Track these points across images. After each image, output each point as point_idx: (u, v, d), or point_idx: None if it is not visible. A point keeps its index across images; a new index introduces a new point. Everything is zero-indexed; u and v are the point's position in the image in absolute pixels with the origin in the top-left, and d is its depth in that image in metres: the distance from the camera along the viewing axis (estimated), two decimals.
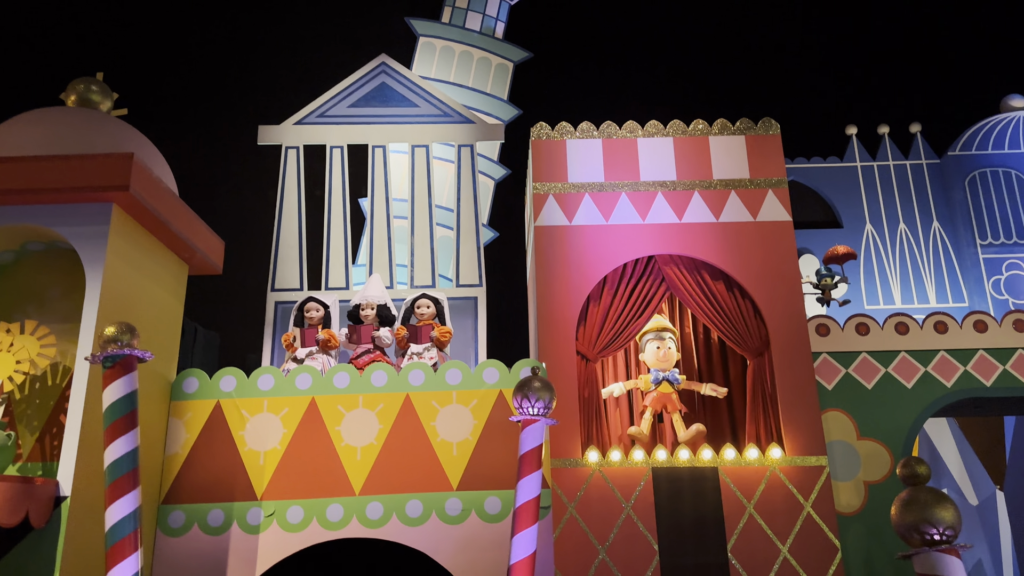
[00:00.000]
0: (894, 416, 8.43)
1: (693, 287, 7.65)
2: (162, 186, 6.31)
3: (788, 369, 7.32)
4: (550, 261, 7.67)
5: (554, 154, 8.09)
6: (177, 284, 6.97)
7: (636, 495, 6.91)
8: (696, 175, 8.01)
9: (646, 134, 8.17)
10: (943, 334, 8.71)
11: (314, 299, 7.29)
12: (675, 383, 7.61)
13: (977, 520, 11.01)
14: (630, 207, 7.90)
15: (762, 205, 7.90)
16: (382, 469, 6.41)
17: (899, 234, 10.73)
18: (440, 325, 7.21)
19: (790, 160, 11.08)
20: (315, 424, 6.54)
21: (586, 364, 7.44)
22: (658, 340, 7.70)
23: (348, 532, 6.25)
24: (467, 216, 8.29)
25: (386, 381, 6.66)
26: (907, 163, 11.03)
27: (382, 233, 8.26)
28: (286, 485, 6.39)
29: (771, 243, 7.74)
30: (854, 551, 7.96)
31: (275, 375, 6.68)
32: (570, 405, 7.14)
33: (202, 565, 6.19)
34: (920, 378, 8.60)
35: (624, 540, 6.77)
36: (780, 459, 7.02)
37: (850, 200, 10.85)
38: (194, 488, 6.41)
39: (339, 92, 8.77)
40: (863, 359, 8.63)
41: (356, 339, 7.09)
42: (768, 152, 8.11)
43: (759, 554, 6.72)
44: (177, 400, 6.67)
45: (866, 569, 7.87)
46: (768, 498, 6.92)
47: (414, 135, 8.60)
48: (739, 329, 7.53)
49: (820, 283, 7.89)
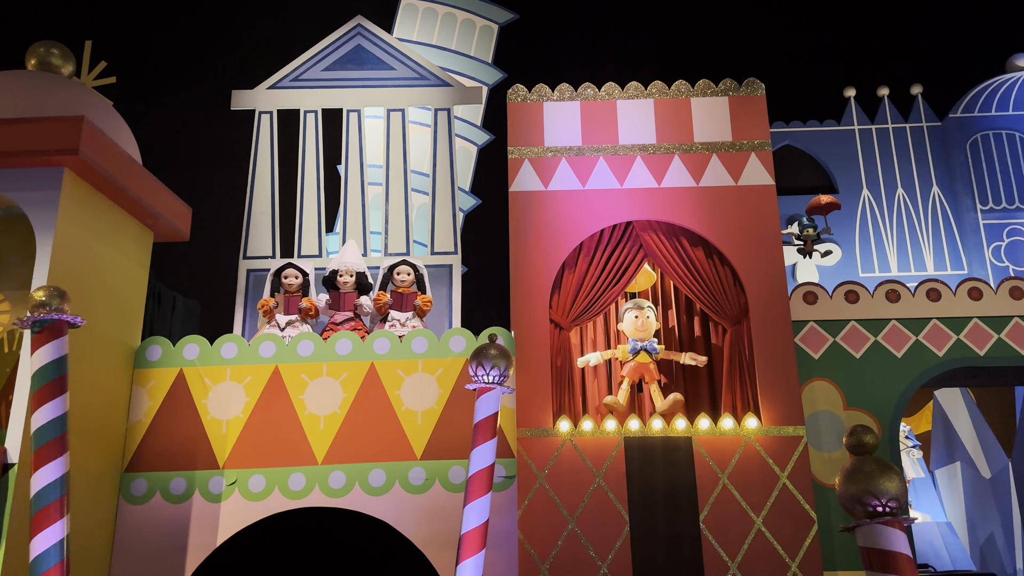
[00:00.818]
0: (883, 386, 8.22)
1: (671, 253, 7.44)
2: (118, 150, 6.18)
3: (767, 337, 7.11)
4: (525, 228, 7.48)
5: (530, 117, 7.86)
6: (140, 251, 6.86)
7: (607, 465, 6.78)
8: (676, 138, 7.76)
9: (626, 96, 7.91)
10: (936, 302, 8.46)
11: (293, 265, 7.16)
12: (653, 353, 7.44)
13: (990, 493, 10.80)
14: (608, 172, 7.67)
15: (744, 168, 7.64)
16: (345, 438, 6.32)
17: (897, 199, 10.41)
18: (422, 294, 7.07)
19: (785, 124, 10.75)
20: (278, 393, 6.45)
21: (560, 333, 7.28)
22: (636, 309, 7.51)
23: (310, 501, 6.18)
24: (443, 182, 8.10)
25: (351, 349, 6.54)
26: (907, 126, 10.67)
27: (356, 200, 8.10)
28: (248, 454, 6.32)
29: (753, 208, 7.50)
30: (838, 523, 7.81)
31: (239, 343, 6.59)
32: (542, 374, 7.00)
33: (164, 533, 6.16)
34: (911, 347, 8.37)
35: (594, 510, 6.65)
36: (756, 429, 6.84)
37: (847, 165, 10.52)
38: (157, 456, 6.36)
39: (313, 55, 8.57)
40: (852, 327, 8.41)
41: (337, 306, 6.96)
42: (752, 114, 7.83)
43: (732, 525, 6.58)
44: (141, 368, 6.61)
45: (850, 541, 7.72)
46: (743, 469, 6.76)
47: (389, 99, 8.40)
48: (717, 297, 7.33)
49: (802, 234, 7.60)
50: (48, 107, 6.09)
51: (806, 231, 7.65)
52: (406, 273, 7.02)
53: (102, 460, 6.22)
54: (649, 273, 7.85)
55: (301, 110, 8.42)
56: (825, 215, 7.78)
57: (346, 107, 8.39)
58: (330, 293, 6.99)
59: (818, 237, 7.77)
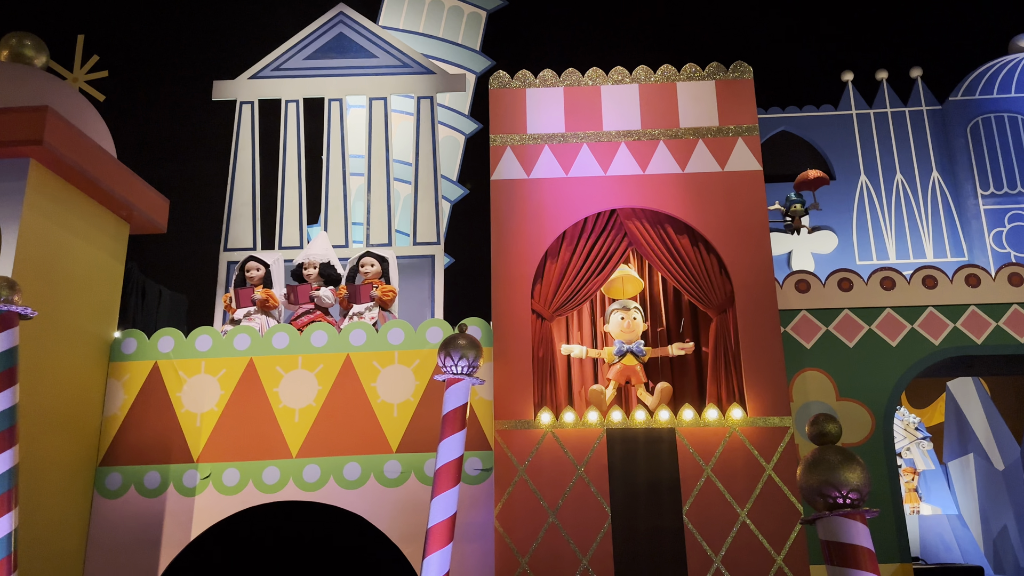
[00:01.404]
0: (876, 376, 8.05)
1: (656, 242, 7.28)
2: (86, 141, 6.10)
3: (753, 326, 6.95)
4: (506, 217, 7.35)
5: (513, 104, 7.72)
6: (115, 243, 6.79)
7: (589, 457, 6.65)
8: (662, 124, 7.59)
9: (610, 81, 7.75)
10: (932, 289, 8.27)
11: (254, 258, 7.08)
12: (640, 355, 7.28)
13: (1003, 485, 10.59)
14: (591, 159, 7.52)
15: (731, 154, 7.47)
16: (320, 431, 6.24)
17: (896, 185, 10.18)
18: (384, 284, 6.95)
19: (781, 109, 10.54)
20: (253, 385, 6.37)
21: (541, 323, 7.15)
22: (623, 310, 7.36)
23: (284, 495, 6.11)
24: (426, 171, 7.98)
25: (326, 341, 6.45)
26: (906, 110, 10.43)
27: (338, 190, 7.99)
28: (223, 447, 6.25)
29: (739, 194, 7.33)
30: None
31: (213, 336, 6.51)
32: (523, 365, 6.88)
33: (138, 527, 6.10)
34: (906, 336, 8.19)
35: (575, 503, 6.53)
36: (741, 420, 6.69)
37: (844, 150, 10.30)
38: (131, 450, 6.31)
39: (295, 44, 8.46)
40: (845, 316, 8.23)
41: (294, 299, 6.87)
42: (740, 98, 7.65)
43: (716, 518, 6.44)
44: (116, 361, 6.54)
45: None
46: (727, 460, 6.61)
47: (372, 87, 8.28)
48: (702, 285, 7.17)
49: (789, 210, 7.37)
50: (17, 98, 6.02)
51: (793, 207, 7.41)
52: (370, 264, 6.92)
53: (77, 454, 6.17)
54: (637, 280, 7.67)
55: (282, 99, 8.32)
56: (814, 190, 7.54)
57: (328, 96, 8.28)
58: (288, 286, 6.90)
59: (806, 212, 7.53)
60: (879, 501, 7.65)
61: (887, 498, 7.68)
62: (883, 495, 7.70)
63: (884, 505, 7.66)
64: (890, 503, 7.65)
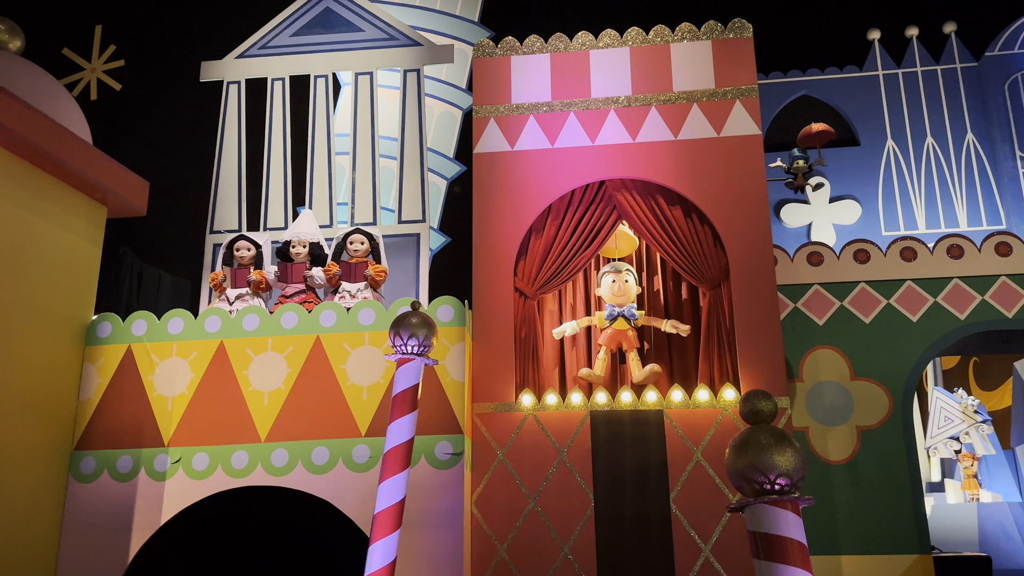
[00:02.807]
0: (895, 353, 7.54)
1: (646, 213, 6.88)
2: (48, 123, 6.01)
3: (748, 301, 6.50)
4: (489, 191, 7.04)
5: (497, 73, 7.38)
6: (91, 226, 6.73)
7: (572, 441, 6.34)
8: (654, 88, 7.16)
9: (600, 46, 7.34)
10: (958, 259, 7.68)
11: (245, 238, 6.94)
12: (632, 319, 6.93)
13: None
14: (579, 128, 7.14)
15: (728, 118, 6.99)
16: (289, 415, 6.07)
17: (926, 149, 9.49)
18: (375, 263, 6.73)
19: (801, 72, 9.92)
20: (223, 368, 6.24)
21: (524, 302, 6.84)
22: (614, 273, 7.01)
23: (252, 480, 5.97)
24: (411, 147, 7.72)
25: (296, 323, 6.27)
26: (938, 68, 9.70)
27: (323, 169, 7.80)
28: (193, 431, 6.14)
29: (736, 161, 6.86)
30: (842, 505, 7.20)
31: (185, 318, 6.40)
32: (504, 345, 6.59)
33: (111, 511, 6.05)
34: (928, 310, 7.63)
35: (557, 489, 6.23)
36: (734, 401, 6.27)
37: (870, 113, 9.65)
38: (105, 434, 6.25)
39: (282, 21, 8.28)
40: (861, 290, 7.72)
41: (286, 278, 6.70)
42: (738, 58, 7.15)
43: (705, 505, 6.06)
44: (91, 345, 6.49)
45: (855, 524, 7.10)
46: (719, 444, 6.21)
47: (358, 62, 8.05)
48: (695, 258, 6.74)
49: (791, 167, 6.81)
50: None
51: (796, 163, 6.85)
52: (359, 242, 6.69)
53: (52, 438, 6.14)
54: (631, 238, 7.32)
55: (268, 78, 8.15)
56: (819, 146, 6.98)
57: (313, 73, 8.08)
58: (278, 265, 6.72)
59: (810, 169, 6.96)
60: (896, 489, 7.15)
61: (906, 486, 7.18)
62: (901, 482, 7.19)
63: (902, 494, 7.16)
64: (908, 491, 7.15)
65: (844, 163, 9.32)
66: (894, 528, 7.07)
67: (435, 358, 5.08)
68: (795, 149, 6.82)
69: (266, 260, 6.98)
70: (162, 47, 11.49)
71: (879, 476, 7.19)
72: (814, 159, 7.05)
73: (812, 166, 6.93)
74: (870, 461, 7.23)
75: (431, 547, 5.65)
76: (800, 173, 6.79)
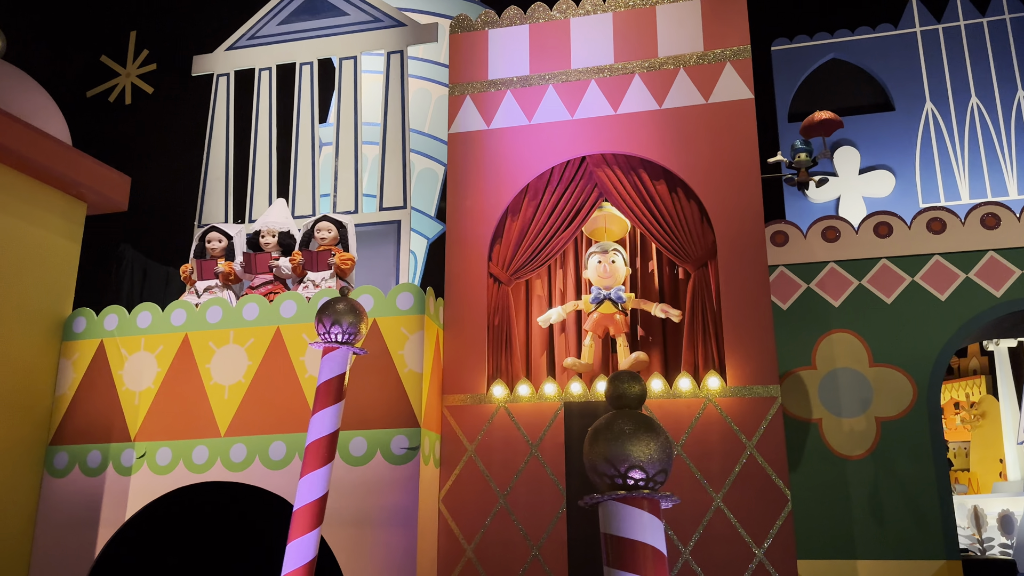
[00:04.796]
0: (920, 336, 6.81)
1: (628, 190, 6.40)
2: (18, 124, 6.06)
3: (736, 281, 5.94)
4: (463, 173, 6.71)
5: (474, 48, 7.03)
6: (68, 223, 6.76)
7: (544, 434, 5.95)
8: (638, 55, 6.65)
9: (582, 12, 6.88)
10: (993, 229, 6.89)
11: (217, 229, 6.84)
12: (619, 302, 6.47)
13: None
14: (557, 102, 6.71)
15: (717, 83, 6.43)
16: (248, 409, 5.91)
17: (970, 110, 8.57)
18: (343, 251, 6.51)
19: (829, 34, 9.14)
20: (187, 362, 6.14)
21: (499, 288, 6.47)
22: (601, 253, 6.57)
23: (212, 475, 5.84)
24: (394, 130, 7.45)
25: (258, 314, 6.11)
26: (984, 21, 8.75)
27: (307, 159, 7.63)
28: (158, 426, 6.07)
29: (725, 129, 6.29)
30: (859, 504, 6.55)
31: (153, 312, 6.34)
32: (476, 334, 6.25)
33: (80, 506, 6.04)
34: (959, 287, 6.87)
35: (528, 485, 5.86)
36: (719, 390, 5.74)
37: (906, 75, 8.79)
38: (77, 429, 6.26)
39: (270, 10, 8.16)
40: (882, 267, 7.02)
41: (252, 268, 6.56)
42: (729, 16, 6.57)
43: (685, 503, 5.56)
44: (68, 340, 6.52)
45: (873, 526, 6.44)
46: (701, 437, 5.69)
47: (342, 47, 7.84)
48: (679, 236, 6.22)
49: (795, 160, 6.10)
50: None
51: (798, 156, 6.13)
52: (327, 230, 6.47)
53: (27, 434, 6.19)
54: (623, 221, 6.84)
55: (256, 68, 8.05)
56: (825, 135, 6.26)
57: (299, 61, 7.93)
58: (244, 254, 6.58)
59: (814, 163, 6.22)
60: (920, 487, 6.43)
61: (931, 485, 6.46)
62: (927, 481, 6.47)
63: (928, 492, 6.43)
64: (935, 491, 6.43)
65: (877, 130, 8.50)
66: (918, 530, 6.36)
67: (365, 347, 4.79)
68: (798, 140, 6.06)
69: (238, 251, 6.86)
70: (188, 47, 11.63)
71: (901, 473, 6.49)
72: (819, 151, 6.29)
73: (817, 159, 6.18)
74: (891, 456, 6.54)
75: (385, 547, 5.38)
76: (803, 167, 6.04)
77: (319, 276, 6.34)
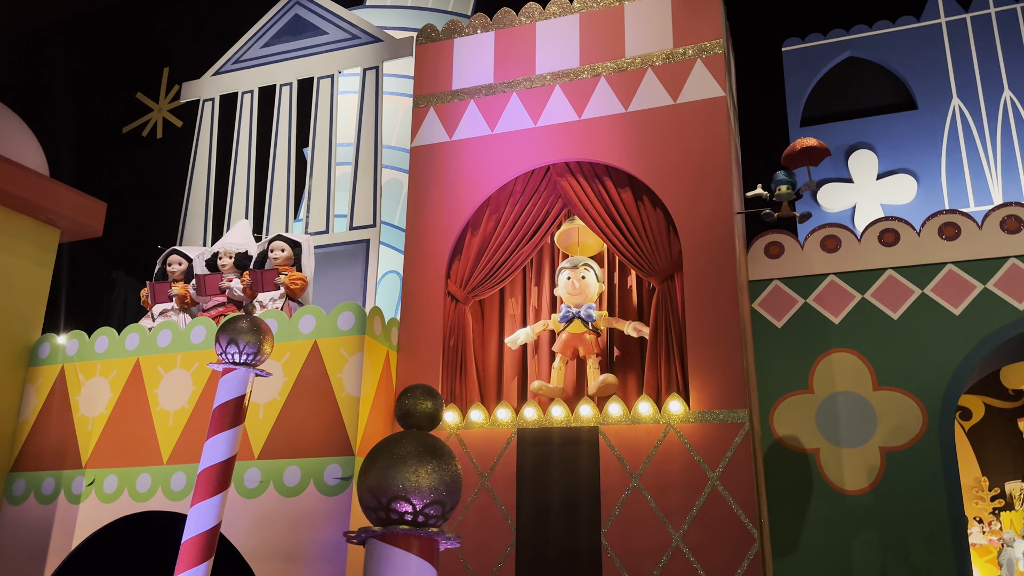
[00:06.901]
0: (931, 355, 6.06)
1: (591, 199, 5.96)
2: None
3: (702, 295, 5.40)
4: (424, 187, 6.42)
5: (439, 59, 6.77)
6: (40, 250, 6.81)
7: (496, 463, 5.52)
8: (604, 56, 6.25)
9: (547, 16, 6.53)
10: (1014, 234, 6.13)
11: (177, 251, 6.77)
12: (589, 320, 6.01)
13: None
14: (521, 110, 6.37)
15: (686, 81, 5.95)
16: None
17: (1002, 104, 7.74)
18: (294, 271, 6.31)
19: (845, 31, 8.47)
20: (137, 387, 6.03)
21: (456, 307, 6.11)
22: (570, 269, 6.14)
23: (153, 504, 5.67)
24: (367, 147, 7.25)
25: (204, 337, 5.94)
26: (1017, 7, 7.92)
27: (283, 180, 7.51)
28: (107, 453, 5.95)
29: (694, 130, 5.79)
30: (860, 545, 5.82)
31: (110, 336, 6.27)
32: (431, 356, 5.90)
33: (34, 535, 5.97)
34: (975, 299, 6.12)
35: (477, 519, 5.43)
36: (681, 415, 5.19)
37: (931, 70, 8.03)
38: (35, 456, 6.21)
39: (255, 33, 8.15)
40: (888, 279, 6.33)
41: (203, 290, 6.43)
42: (700, 9, 6.09)
43: (643, 541, 5.02)
44: (33, 366, 6.52)
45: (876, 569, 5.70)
46: (661, 467, 5.15)
47: (321, 66, 7.72)
48: (643, 247, 5.73)
49: (775, 193, 5.47)
50: None
51: (779, 188, 5.45)
52: (279, 249, 6.28)
53: None
54: None
55: (239, 92, 8.02)
56: (810, 165, 5.58)
57: (279, 82, 7.85)
58: (196, 276, 6.44)
59: (797, 196, 5.53)
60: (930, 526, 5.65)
61: (943, 522, 5.66)
62: (939, 521, 5.67)
63: (939, 532, 5.64)
64: (947, 529, 5.63)
65: (897, 131, 7.75)
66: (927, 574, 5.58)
67: (268, 370, 4.51)
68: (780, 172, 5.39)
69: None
70: None
71: (908, 510, 5.72)
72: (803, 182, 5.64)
73: (800, 191, 5.51)
74: (897, 491, 5.78)
75: None
76: (785, 201, 5.38)
77: (267, 297, 6.14)
